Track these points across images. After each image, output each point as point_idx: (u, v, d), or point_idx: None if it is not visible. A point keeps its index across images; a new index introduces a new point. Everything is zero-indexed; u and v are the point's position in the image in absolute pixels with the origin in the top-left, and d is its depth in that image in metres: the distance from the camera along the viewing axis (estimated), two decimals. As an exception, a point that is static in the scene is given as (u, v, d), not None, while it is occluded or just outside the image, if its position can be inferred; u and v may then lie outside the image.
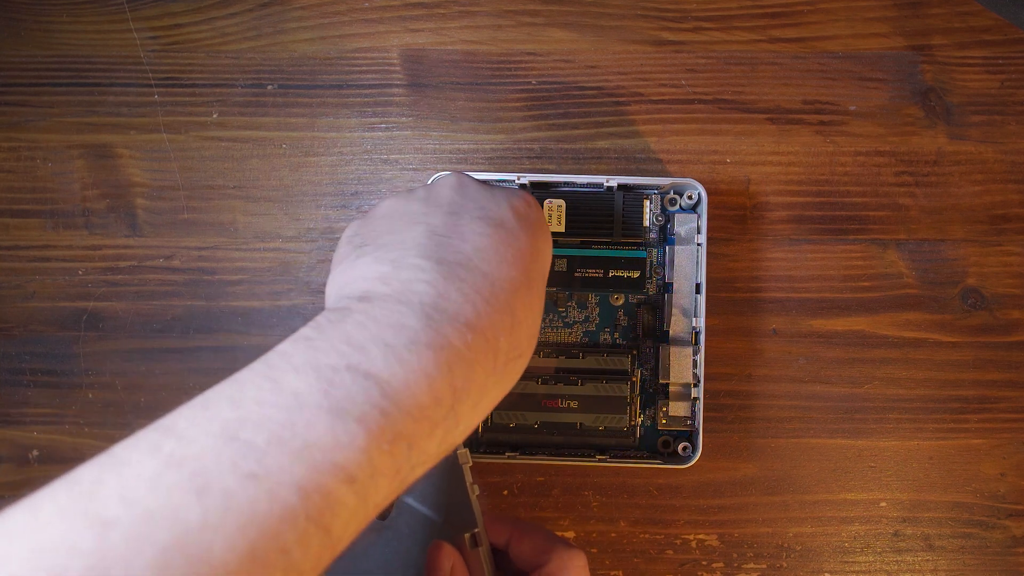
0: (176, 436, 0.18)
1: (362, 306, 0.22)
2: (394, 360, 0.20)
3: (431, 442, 0.21)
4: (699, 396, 0.35)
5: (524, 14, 0.40)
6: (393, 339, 0.21)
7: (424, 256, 0.23)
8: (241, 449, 0.17)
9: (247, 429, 0.18)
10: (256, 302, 0.40)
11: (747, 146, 0.40)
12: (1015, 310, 0.39)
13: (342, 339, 0.20)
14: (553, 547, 0.29)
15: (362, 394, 0.19)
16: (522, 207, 0.27)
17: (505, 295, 0.24)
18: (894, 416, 0.39)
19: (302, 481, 0.18)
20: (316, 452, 0.18)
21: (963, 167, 0.39)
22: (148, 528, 0.16)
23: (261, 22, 0.40)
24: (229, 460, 0.17)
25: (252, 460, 0.17)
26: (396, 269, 0.23)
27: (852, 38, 0.40)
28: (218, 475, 0.17)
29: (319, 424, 0.18)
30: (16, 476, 0.39)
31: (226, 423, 0.18)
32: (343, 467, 0.18)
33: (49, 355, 0.40)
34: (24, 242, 0.40)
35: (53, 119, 0.40)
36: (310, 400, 0.19)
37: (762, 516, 0.39)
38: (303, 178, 0.40)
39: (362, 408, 0.19)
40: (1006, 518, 0.39)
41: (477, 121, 0.40)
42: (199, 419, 0.18)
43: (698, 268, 0.36)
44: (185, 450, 0.17)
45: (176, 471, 0.17)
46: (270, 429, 0.18)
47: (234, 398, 0.19)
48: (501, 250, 0.25)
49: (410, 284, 0.23)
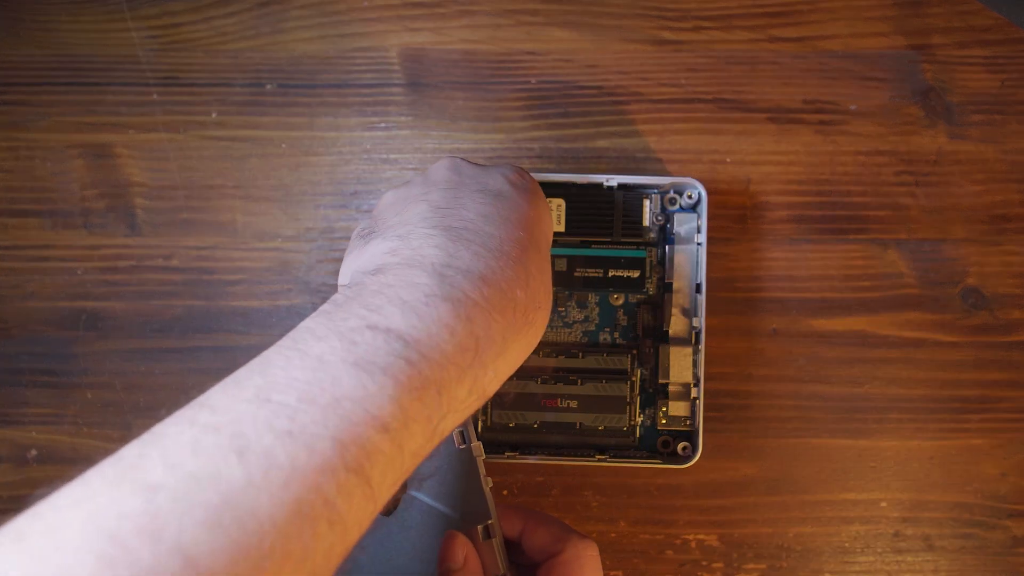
0: (210, 407, 0.18)
1: (375, 277, 0.22)
2: (412, 314, 0.21)
3: (461, 388, 0.22)
4: (699, 396, 0.35)
5: (524, 13, 0.40)
6: (409, 296, 0.21)
7: (431, 226, 0.24)
8: (275, 409, 0.18)
9: (277, 391, 0.18)
10: (255, 302, 0.40)
11: (747, 145, 0.39)
12: (1016, 310, 0.39)
13: (360, 305, 0.21)
14: (567, 537, 0.29)
15: (385, 347, 0.20)
16: (516, 178, 0.28)
17: (516, 251, 0.25)
18: (895, 416, 0.39)
19: (337, 433, 0.18)
20: (347, 404, 0.19)
21: (963, 167, 0.39)
22: (194, 489, 0.16)
23: (260, 21, 0.40)
24: (264, 421, 0.18)
25: (285, 418, 0.18)
26: (404, 241, 0.24)
27: (852, 37, 0.40)
28: (256, 435, 0.17)
29: (346, 378, 0.19)
30: (15, 476, 0.39)
31: (257, 389, 0.19)
32: (376, 416, 0.19)
33: (48, 355, 0.40)
34: (23, 242, 0.40)
35: (52, 118, 0.40)
36: (334, 358, 0.19)
37: (762, 516, 0.39)
38: (302, 178, 0.40)
39: (387, 359, 0.20)
40: (1007, 518, 0.39)
41: (477, 121, 0.40)
42: (231, 391, 0.19)
43: (698, 268, 0.36)
44: (221, 417, 0.18)
45: (215, 435, 0.17)
46: (299, 389, 0.18)
47: (262, 370, 0.19)
48: (504, 213, 0.26)
49: (420, 250, 0.23)
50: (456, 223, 0.24)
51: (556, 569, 0.29)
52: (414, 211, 0.25)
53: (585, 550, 0.29)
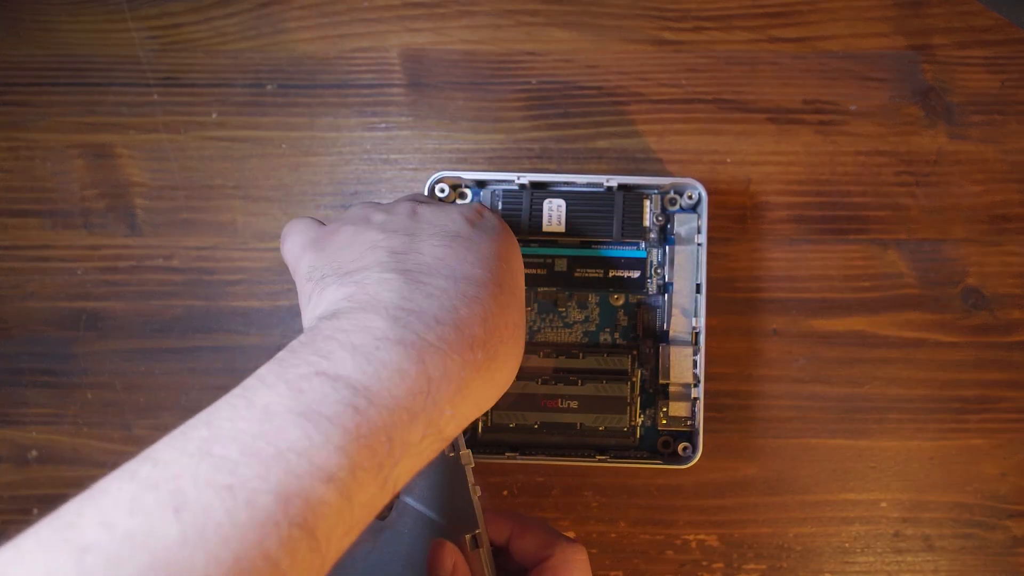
0: (152, 461, 0.18)
1: (329, 323, 0.22)
2: (362, 359, 0.21)
3: (413, 432, 0.21)
4: (699, 396, 0.35)
5: (524, 14, 0.40)
6: (360, 340, 0.21)
7: (387, 270, 0.24)
8: (215, 463, 0.17)
9: (220, 443, 0.18)
10: (256, 302, 0.40)
11: (747, 146, 0.39)
12: (1016, 310, 0.39)
13: (311, 351, 0.21)
14: (555, 542, 0.29)
15: (333, 394, 0.20)
16: (474, 216, 0.28)
17: (472, 290, 0.24)
18: (895, 416, 0.39)
19: (279, 487, 0.18)
20: (291, 456, 0.18)
21: (964, 167, 0.39)
22: (127, 549, 0.16)
23: (260, 22, 0.40)
24: (204, 475, 0.17)
25: (226, 472, 0.17)
26: (361, 287, 0.24)
27: (852, 38, 0.40)
28: (194, 491, 0.17)
29: (291, 428, 0.18)
30: (15, 476, 0.39)
31: (201, 441, 0.18)
32: (321, 467, 0.18)
33: (48, 355, 0.40)
34: (23, 242, 0.40)
35: (52, 119, 0.40)
36: (279, 409, 0.19)
37: (762, 516, 0.39)
38: (303, 178, 0.40)
39: (334, 408, 0.19)
40: (1007, 518, 0.39)
41: (477, 121, 0.40)
42: (176, 443, 0.18)
43: (698, 268, 0.36)
44: (161, 472, 0.17)
45: (153, 492, 0.17)
46: (242, 441, 0.18)
47: (208, 420, 0.19)
48: (462, 254, 0.26)
49: (376, 294, 0.23)
50: (412, 266, 0.24)
51: (545, 574, 0.28)
52: (371, 257, 0.25)
53: (574, 554, 0.29)
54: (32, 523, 0.17)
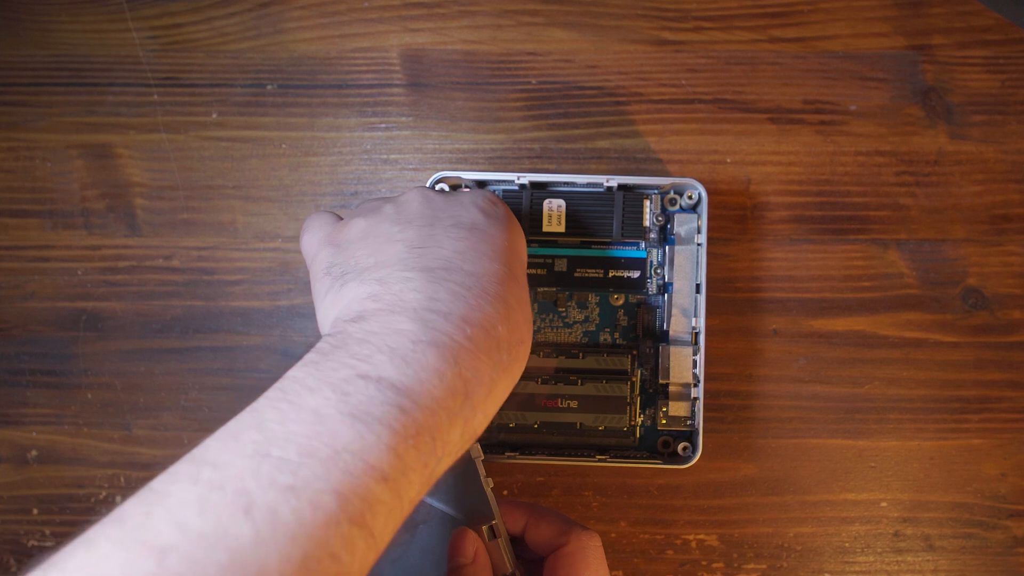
0: (211, 464, 0.18)
1: (357, 325, 0.22)
2: (401, 361, 0.21)
3: (453, 432, 0.22)
4: (699, 396, 0.35)
5: (524, 14, 0.40)
6: (396, 343, 0.21)
7: (408, 268, 0.24)
8: (276, 464, 0.18)
9: (277, 446, 0.18)
10: (256, 302, 0.40)
11: (747, 146, 0.39)
12: (1016, 310, 0.39)
13: (347, 355, 0.21)
14: (570, 529, 0.30)
15: (378, 396, 0.20)
16: (488, 206, 0.28)
17: (493, 287, 0.25)
18: (895, 416, 0.39)
19: (339, 486, 0.18)
20: (347, 456, 0.19)
21: (964, 167, 0.39)
22: (205, 550, 0.16)
23: (260, 22, 0.40)
24: (267, 476, 0.18)
25: (288, 473, 0.18)
26: (384, 285, 0.24)
27: (852, 38, 0.40)
28: (260, 492, 0.17)
29: (344, 430, 0.19)
30: (15, 476, 0.39)
31: (256, 444, 0.18)
32: (375, 467, 0.19)
33: (48, 355, 0.40)
34: (23, 242, 0.40)
35: (52, 119, 0.40)
36: (330, 410, 0.19)
37: (762, 516, 0.39)
38: (303, 178, 0.40)
39: (381, 409, 0.20)
40: (1007, 518, 0.39)
41: (477, 121, 0.40)
42: (229, 446, 0.19)
43: (698, 268, 0.36)
44: (223, 475, 0.18)
45: (219, 493, 0.17)
46: (298, 443, 0.18)
47: (257, 423, 0.19)
48: (480, 247, 0.26)
49: (401, 295, 0.23)
50: (434, 262, 0.24)
51: (561, 561, 0.29)
52: (390, 252, 0.25)
53: (589, 541, 0.29)
54: (32, 523, 0.17)
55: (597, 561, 0.29)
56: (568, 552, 0.29)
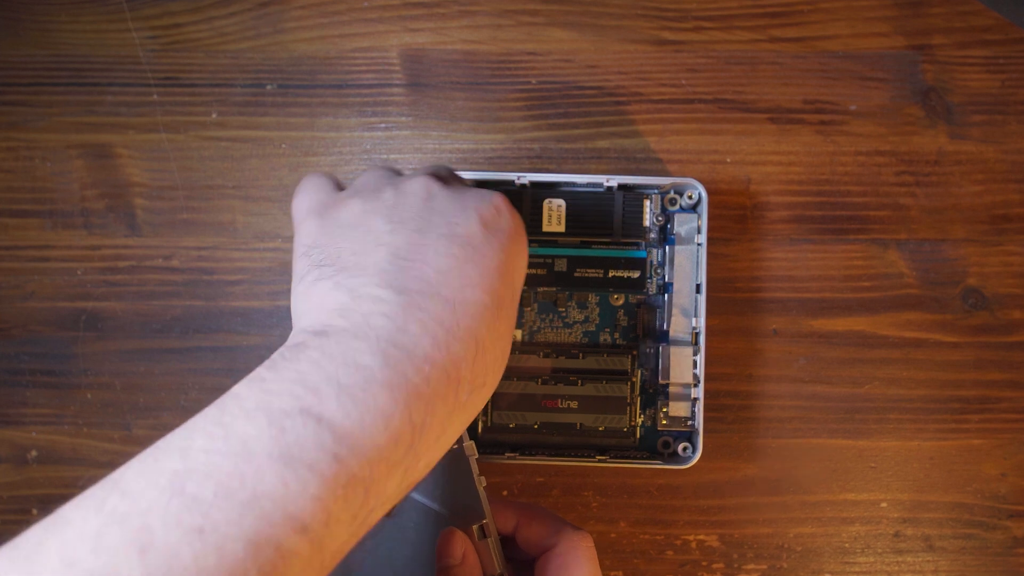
0: (121, 491, 0.17)
1: (318, 341, 0.21)
2: (349, 402, 0.20)
3: (390, 482, 0.20)
4: (699, 396, 0.35)
5: (524, 14, 0.40)
6: (348, 379, 0.20)
7: (385, 285, 0.23)
8: (187, 503, 0.17)
9: (194, 480, 0.17)
10: (256, 302, 0.40)
11: (747, 146, 0.39)
12: (1016, 310, 0.39)
13: (296, 379, 0.20)
14: (561, 530, 0.29)
15: (313, 439, 0.19)
16: (491, 216, 0.26)
17: (468, 322, 0.23)
18: (895, 416, 0.39)
19: (251, 534, 0.17)
20: (266, 503, 0.17)
21: (964, 167, 0.39)
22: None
23: (260, 22, 0.40)
24: (174, 515, 0.17)
25: (198, 514, 0.17)
26: (355, 299, 0.22)
27: (852, 37, 0.40)
28: (163, 531, 0.16)
29: (268, 473, 0.18)
30: (15, 476, 0.39)
31: (174, 475, 0.17)
32: (295, 516, 0.18)
33: (48, 355, 0.40)
34: (23, 242, 0.40)
35: (52, 119, 0.40)
36: (259, 447, 0.18)
37: (762, 516, 0.39)
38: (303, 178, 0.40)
39: (314, 455, 0.18)
40: (1007, 519, 0.39)
41: (477, 121, 0.40)
42: (148, 471, 0.18)
43: (698, 268, 0.36)
44: (130, 506, 0.17)
45: (119, 528, 0.16)
46: (217, 479, 0.17)
47: (183, 448, 0.18)
48: (466, 270, 0.24)
49: (368, 317, 0.22)
50: (412, 283, 0.23)
51: (552, 562, 0.28)
52: (373, 257, 0.23)
53: (580, 541, 0.29)
54: (31, 523, 0.17)
55: (588, 561, 0.28)
56: (559, 553, 0.28)
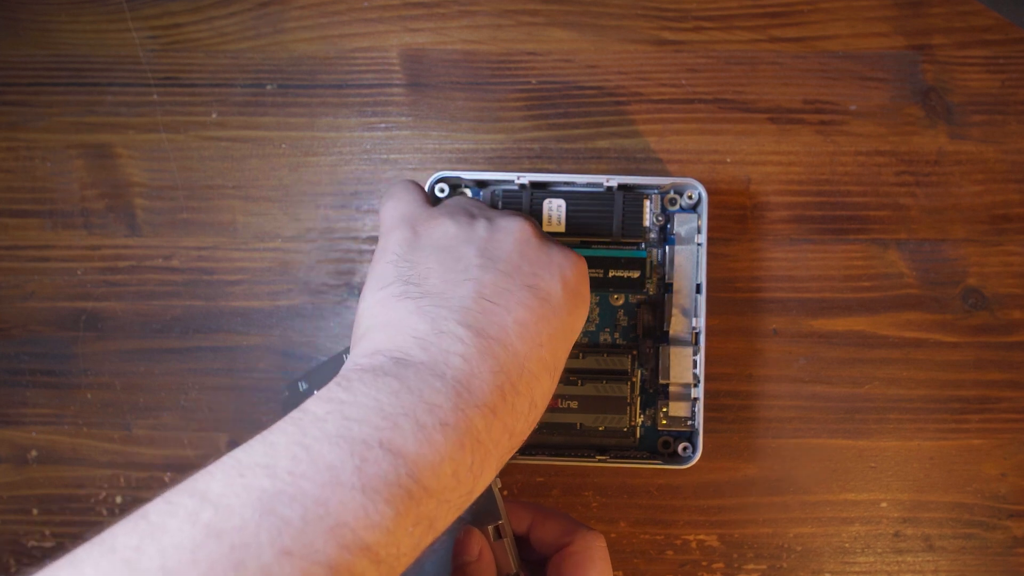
0: (213, 504, 0.18)
1: (397, 370, 0.22)
2: (425, 440, 0.21)
3: (448, 519, 0.22)
4: (699, 396, 0.35)
5: (524, 14, 0.40)
6: (425, 417, 0.21)
7: (465, 324, 0.24)
8: (278, 525, 0.18)
9: (283, 503, 0.18)
10: (256, 302, 0.40)
11: (747, 146, 0.39)
12: (1016, 310, 0.39)
13: (375, 409, 0.21)
14: (575, 530, 0.30)
15: (393, 473, 0.20)
16: (573, 279, 0.27)
17: (530, 378, 0.24)
18: (895, 416, 0.39)
19: (332, 560, 0.18)
20: (347, 531, 0.19)
21: (964, 167, 0.39)
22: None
23: (260, 22, 0.40)
24: (267, 535, 0.18)
25: (288, 537, 0.18)
26: (436, 334, 0.23)
27: (852, 38, 0.40)
28: (256, 550, 0.17)
29: (352, 503, 0.19)
30: (15, 476, 0.39)
31: (263, 493, 0.18)
32: (371, 547, 0.19)
33: (48, 355, 0.40)
34: (23, 242, 0.40)
35: (52, 119, 0.40)
36: (344, 477, 0.19)
37: (762, 516, 0.39)
38: (303, 178, 0.40)
39: (392, 489, 0.20)
40: (1007, 519, 0.39)
41: (477, 121, 0.40)
42: (236, 487, 0.18)
43: (698, 268, 0.36)
44: (224, 522, 0.18)
45: (216, 543, 0.17)
46: (305, 505, 0.18)
47: (269, 467, 0.19)
48: (540, 327, 0.25)
49: (447, 356, 0.23)
50: (491, 328, 0.24)
51: (566, 561, 0.29)
52: (459, 292, 0.25)
53: (594, 541, 0.29)
54: (32, 523, 0.17)
55: (602, 561, 0.29)
56: (573, 552, 0.29)
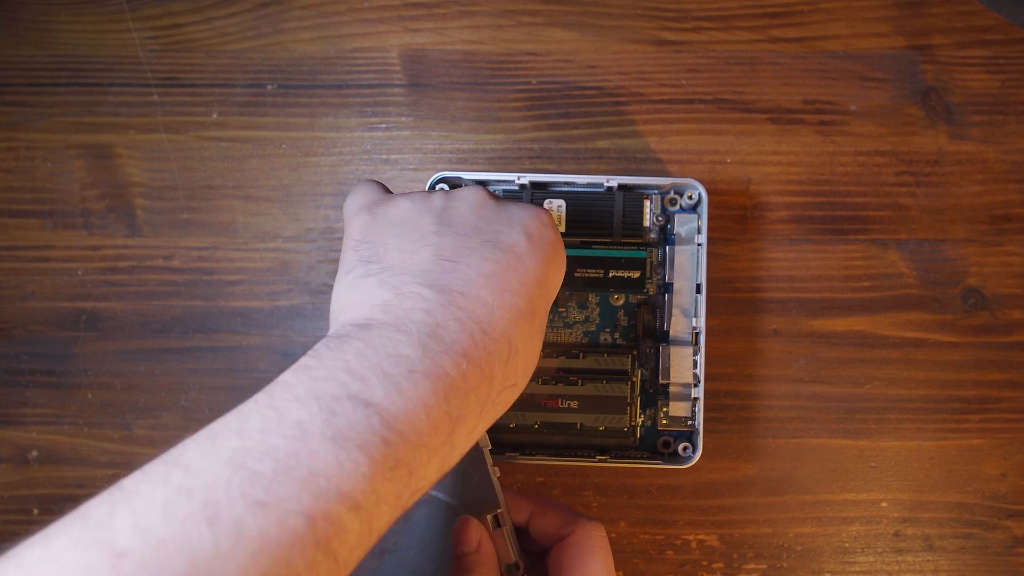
0: (184, 467, 0.18)
1: (361, 333, 0.22)
2: (393, 389, 0.21)
3: (430, 467, 0.22)
4: (699, 396, 0.35)
5: (524, 14, 0.40)
6: (391, 368, 0.21)
7: (427, 284, 0.24)
8: (249, 478, 0.18)
9: (254, 458, 0.18)
10: (256, 302, 0.40)
11: (747, 146, 0.39)
12: (1016, 310, 0.39)
13: (342, 367, 0.21)
14: (575, 520, 0.30)
15: (364, 422, 0.20)
16: (536, 228, 0.27)
17: (504, 324, 0.24)
18: (895, 416, 0.39)
19: (309, 509, 0.18)
20: (321, 480, 0.18)
21: (964, 167, 0.39)
22: (162, 557, 0.16)
23: (260, 22, 0.40)
24: (238, 488, 0.17)
25: (260, 488, 0.18)
26: (398, 296, 0.23)
27: (852, 38, 0.40)
28: (228, 504, 0.17)
29: (323, 453, 0.19)
30: (15, 476, 0.39)
31: (233, 452, 0.18)
32: (348, 494, 0.19)
33: (48, 355, 0.40)
34: (23, 242, 0.40)
35: (52, 119, 0.40)
36: (313, 429, 0.19)
37: (762, 516, 0.39)
38: (303, 178, 0.40)
39: (364, 436, 0.20)
40: (1007, 518, 0.39)
41: (477, 121, 0.40)
42: (206, 450, 0.18)
43: (698, 268, 0.36)
44: (194, 480, 0.17)
45: (187, 500, 0.17)
46: (276, 458, 0.18)
47: (239, 429, 0.19)
48: (507, 276, 0.25)
49: (409, 312, 0.23)
50: (453, 283, 0.24)
51: (566, 551, 0.29)
52: (418, 257, 0.25)
53: (594, 531, 0.29)
54: (32, 523, 0.17)
55: (602, 551, 0.29)
56: (573, 542, 0.29)
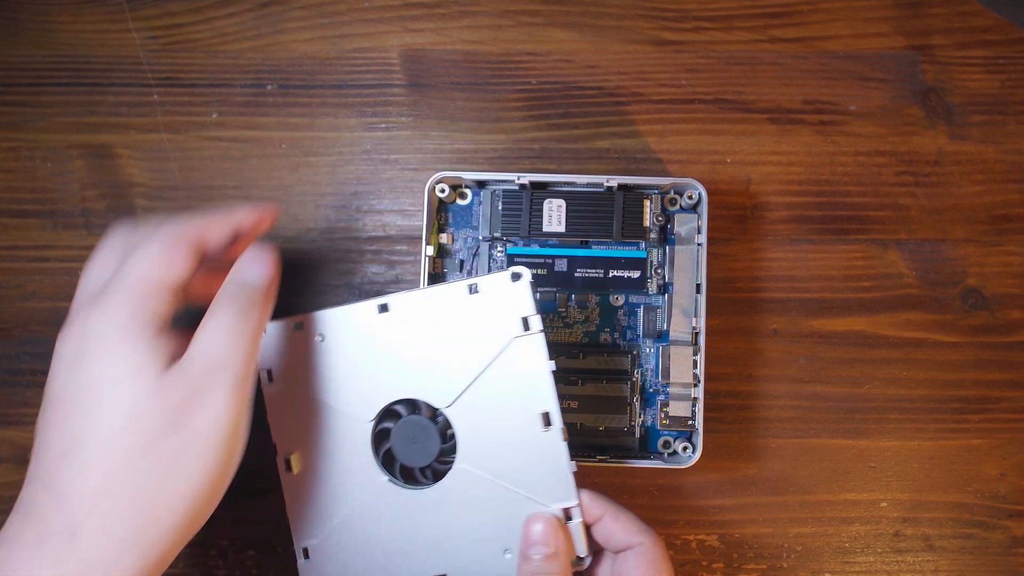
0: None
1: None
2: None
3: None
4: (699, 396, 0.35)
5: (524, 14, 0.40)
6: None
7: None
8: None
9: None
10: (256, 302, 0.40)
11: (747, 146, 0.39)
12: (1016, 310, 0.39)
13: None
14: (647, 530, 0.31)
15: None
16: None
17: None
18: (895, 416, 0.39)
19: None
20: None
21: (964, 167, 0.39)
22: None
23: (260, 22, 0.40)
24: None
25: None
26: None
27: (852, 38, 0.40)
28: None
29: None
30: (16, 476, 0.39)
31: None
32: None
33: (48, 355, 0.40)
34: (23, 242, 0.40)
35: (52, 119, 0.40)
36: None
37: (762, 516, 0.39)
38: (303, 178, 0.40)
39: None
40: (1007, 518, 0.39)
41: (477, 121, 0.40)
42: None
43: (698, 268, 0.36)
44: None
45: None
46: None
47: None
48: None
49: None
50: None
51: (641, 559, 0.30)
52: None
53: (662, 544, 0.31)
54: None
55: (669, 562, 0.30)
56: (645, 551, 0.30)
